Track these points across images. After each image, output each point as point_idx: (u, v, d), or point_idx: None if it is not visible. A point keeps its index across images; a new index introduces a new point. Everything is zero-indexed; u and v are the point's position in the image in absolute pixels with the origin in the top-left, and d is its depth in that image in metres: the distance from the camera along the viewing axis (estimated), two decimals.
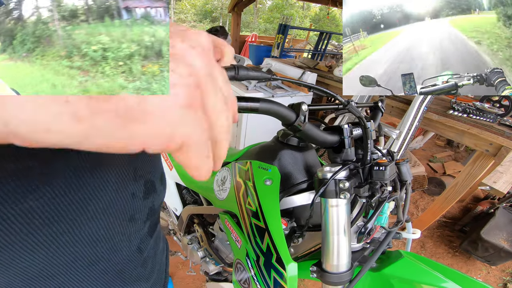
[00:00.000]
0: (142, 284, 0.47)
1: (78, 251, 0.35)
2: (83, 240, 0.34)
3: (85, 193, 0.33)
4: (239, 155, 0.76)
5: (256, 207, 0.59)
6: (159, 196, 0.48)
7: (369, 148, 0.51)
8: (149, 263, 0.48)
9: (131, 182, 0.39)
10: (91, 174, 0.33)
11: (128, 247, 0.41)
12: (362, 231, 0.55)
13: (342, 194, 0.48)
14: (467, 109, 1.73)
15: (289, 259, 0.52)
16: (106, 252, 0.38)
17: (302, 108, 0.41)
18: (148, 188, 0.43)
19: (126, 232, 0.40)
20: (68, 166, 0.31)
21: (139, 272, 0.45)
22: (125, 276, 0.43)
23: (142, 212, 0.42)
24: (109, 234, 0.37)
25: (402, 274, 0.57)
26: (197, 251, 1.04)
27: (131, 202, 0.39)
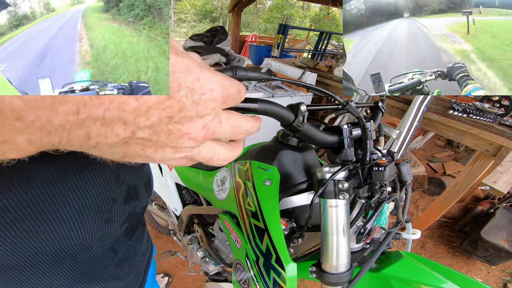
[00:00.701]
0: (113, 283, 0.47)
1: (45, 246, 0.35)
2: (51, 236, 0.35)
3: (63, 195, 0.34)
4: (239, 155, 0.76)
5: (255, 208, 0.59)
6: (141, 202, 0.48)
7: (369, 148, 0.51)
8: (126, 264, 0.48)
9: (113, 187, 0.39)
10: (73, 177, 0.34)
11: (100, 247, 0.42)
12: (362, 232, 0.55)
13: (341, 194, 0.48)
14: (467, 109, 1.73)
15: (289, 259, 0.52)
16: (74, 250, 0.38)
17: (300, 109, 0.41)
18: (130, 194, 0.43)
19: (99, 233, 0.40)
20: (51, 169, 0.32)
21: (112, 272, 0.45)
22: (94, 275, 0.43)
23: (120, 216, 0.43)
24: (81, 234, 0.38)
25: (402, 275, 0.57)
26: (197, 251, 1.04)
27: (110, 206, 0.40)
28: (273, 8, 20.91)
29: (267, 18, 20.83)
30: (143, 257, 0.55)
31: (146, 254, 0.58)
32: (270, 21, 20.22)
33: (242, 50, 6.18)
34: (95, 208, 0.38)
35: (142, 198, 0.47)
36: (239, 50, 6.10)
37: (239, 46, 6.06)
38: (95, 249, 0.41)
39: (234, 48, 5.72)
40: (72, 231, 0.36)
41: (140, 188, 0.46)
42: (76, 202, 0.35)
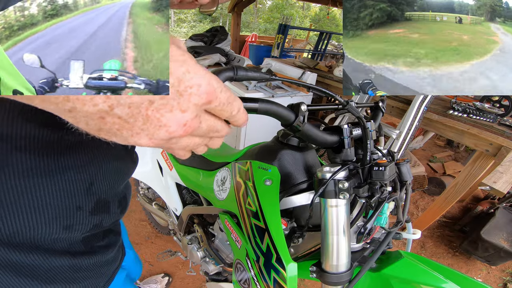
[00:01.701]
0: (68, 286, 0.46)
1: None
2: (9, 229, 0.35)
3: (25, 189, 0.34)
4: (239, 155, 0.76)
5: (256, 207, 0.59)
6: (111, 216, 0.48)
7: (369, 148, 0.51)
8: (83, 269, 0.47)
9: (81, 196, 0.39)
10: (42, 174, 0.34)
11: (54, 249, 0.41)
12: (362, 231, 0.55)
13: (342, 194, 0.48)
14: (467, 109, 1.73)
15: (289, 259, 0.52)
16: (25, 247, 0.38)
17: (301, 109, 0.41)
18: (99, 206, 0.43)
19: (53, 235, 0.40)
20: (25, 159, 0.32)
21: (66, 275, 0.45)
22: (47, 275, 0.42)
23: (83, 225, 0.42)
24: (32, 232, 0.37)
25: (402, 275, 0.57)
26: (197, 251, 1.04)
27: (73, 213, 0.40)
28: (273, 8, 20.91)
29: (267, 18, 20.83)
30: (109, 265, 0.54)
31: (112, 263, 0.56)
32: (270, 21, 20.22)
33: (242, 50, 6.18)
34: (55, 211, 0.37)
35: (112, 212, 0.47)
36: (239, 50, 6.10)
37: (239, 46, 6.06)
38: (49, 251, 0.41)
39: (234, 48, 5.72)
40: (23, 227, 0.36)
41: (112, 203, 0.46)
42: (36, 200, 0.35)
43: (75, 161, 0.37)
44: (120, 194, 0.49)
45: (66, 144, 0.36)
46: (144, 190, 1.59)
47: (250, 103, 0.36)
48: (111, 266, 0.55)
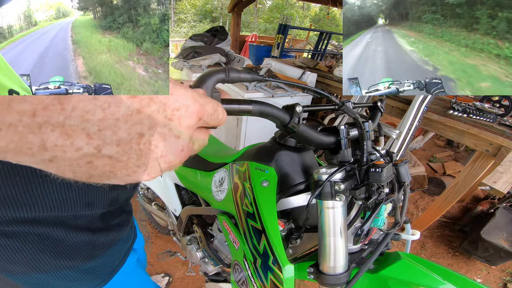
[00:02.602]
0: (87, 263, 0.47)
1: (22, 214, 0.36)
2: (31, 206, 0.35)
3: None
4: (237, 156, 0.76)
5: (253, 209, 0.59)
6: (126, 192, 0.49)
7: (366, 149, 0.51)
8: (100, 246, 0.49)
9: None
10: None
11: (75, 225, 0.43)
12: (359, 233, 0.55)
13: (338, 196, 0.48)
14: (467, 109, 1.72)
15: (286, 261, 0.51)
16: (50, 223, 0.39)
17: (296, 110, 0.41)
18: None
19: (78, 212, 0.41)
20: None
21: (86, 251, 0.46)
22: (69, 251, 0.44)
23: (102, 201, 0.44)
24: (59, 209, 0.38)
25: (400, 276, 0.56)
26: (196, 251, 1.04)
27: (94, 190, 0.41)
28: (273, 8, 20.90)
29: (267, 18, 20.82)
30: (123, 243, 0.56)
31: (127, 241, 0.58)
32: (270, 21, 20.20)
33: (242, 50, 6.18)
34: (77, 189, 0.38)
35: (126, 188, 0.48)
36: (239, 50, 6.10)
37: (239, 46, 6.05)
38: (71, 227, 0.42)
39: (234, 48, 5.72)
40: (50, 206, 0.37)
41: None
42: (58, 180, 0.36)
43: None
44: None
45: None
46: (144, 190, 1.59)
47: (243, 105, 0.35)
48: (125, 244, 0.57)
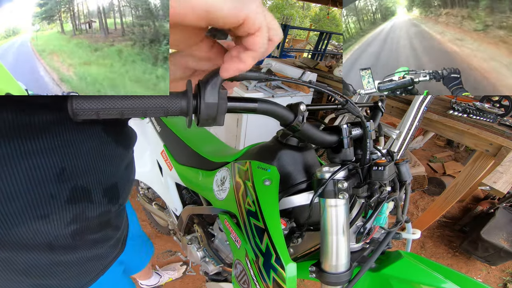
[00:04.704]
0: (49, 281, 0.45)
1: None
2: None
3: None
4: (238, 155, 0.76)
5: (255, 207, 0.59)
6: (95, 206, 0.44)
7: (368, 148, 0.51)
8: (63, 263, 0.46)
9: (51, 183, 0.37)
10: (2, 164, 0.33)
11: (33, 241, 0.40)
12: (361, 231, 0.55)
13: (341, 194, 0.48)
14: (467, 109, 1.73)
15: (288, 259, 0.52)
16: (3, 239, 0.37)
17: (300, 108, 0.41)
18: (77, 194, 0.41)
19: (31, 227, 0.38)
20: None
21: (48, 269, 0.44)
22: (30, 269, 0.42)
23: (61, 215, 0.40)
24: (6, 223, 0.36)
25: (402, 275, 0.57)
26: (196, 251, 1.04)
27: (47, 201, 0.38)
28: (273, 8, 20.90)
29: None
30: (97, 261, 0.52)
31: (105, 257, 0.54)
32: None
33: None
34: (24, 199, 0.36)
35: (96, 202, 0.44)
36: None
37: None
38: (29, 243, 0.40)
39: None
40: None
41: (94, 191, 0.43)
42: (1, 189, 0.34)
43: (41, 145, 0.35)
44: (106, 182, 0.45)
45: (31, 128, 0.34)
46: (144, 190, 1.59)
47: (248, 103, 0.36)
48: (99, 261, 0.53)
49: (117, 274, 0.62)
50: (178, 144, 1.06)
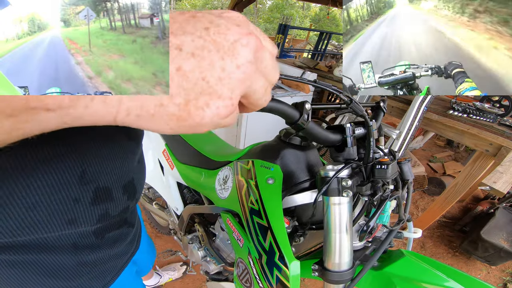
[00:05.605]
0: (73, 282, 0.46)
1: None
2: (4, 227, 0.34)
3: (8, 191, 0.32)
4: (241, 154, 0.76)
5: (258, 206, 0.59)
6: (117, 204, 0.45)
7: (372, 146, 0.51)
8: (89, 262, 0.47)
9: (74, 186, 0.37)
10: (21, 173, 0.32)
11: (60, 244, 0.41)
12: (364, 230, 0.56)
13: (345, 192, 0.49)
14: (467, 109, 1.73)
15: (292, 257, 0.52)
16: (30, 244, 0.38)
17: (305, 107, 0.41)
18: (99, 195, 0.41)
19: (59, 232, 0.39)
20: (13, 165, 0.31)
21: (73, 269, 0.44)
22: (55, 271, 0.42)
23: (88, 217, 0.41)
24: (33, 231, 0.36)
25: (404, 273, 0.57)
26: (197, 250, 1.04)
27: (71, 205, 0.38)
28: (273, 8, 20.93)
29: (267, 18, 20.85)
30: (116, 259, 0.53)
31: (123, 256, 0.55)
32: (270, 21, 20.23)
33: None
34: (50, 207, 0.36)
35: (117, 200, 0.44)
36: None
37: None
38: (56, 246, 0.40)
39: None
40: (22, 228, 0.35)
41: (114, 189, 0.43)
42: (25, 199, 0.33)
43: (60, 150, 0.35)
44: (124, 179, 0.45)
45: (43, 134, 0.34)
46: (145, 189, 1.59)
47: None
48: (119, 260, 0.54)
49: (131, 275, 0.63)
50: (180, 143, 1.07)
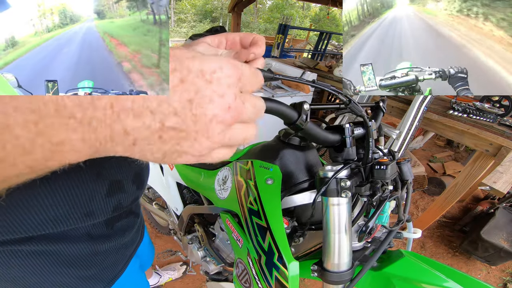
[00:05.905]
0: (86, 271, 0.49)
1: (20, 232, 0.37)
2: (23, 226, 0.37)
3: (32, 192, 0.35)
4: (240, 154, 0.76)
5: (257, 206, 0.59)
6: (128, 195, 0.49)
7: (371, 146, 0.51)
8: (102, 251, 0.50)
9: (92, 182, 0.41)
10: (50, 177, 0.35)
11: (76, 234, 0.44)
12: (363, 230, 0.55)
13: (344, 192, 0.49)
14: (467, 109, 1.73)
15: (291, 257, 0.52)
16: (51, 237, 0.41)
17: (304, 107, 0.41)
18: (113, 188, 0.45)
19: (78, 224, 0.42)
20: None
21: (87, 258, 0.47)
22: (72, 260, 0.45)
23: (104, 209, 0.44)
24: (57, 225, 0.39)
25: (403, 273, 0.57)
26: (197, 250, 1.04)
27: (90, 200, 0.41)
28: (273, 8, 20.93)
29: (267, 18, 20.86)
30: (126, 248, 0.56)
31: (131, 245, 0.59)
32: (270, 21, 20.24)
33: None
34: (70, 203, 0.39)
35: (128, 191, 0.48)
36: None
37: None
38: (73, 237, 0.44)
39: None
40: (46, 223, 0.38)
41: (125, 181, 0.47)
42: (47, 199, 0.37)
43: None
44: (132, 172, 0.49)
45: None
46: (144, 190, 1.59)
47: None
48: (128, 249, 0.57)
49: (136, 268, 0.67)
50: None
